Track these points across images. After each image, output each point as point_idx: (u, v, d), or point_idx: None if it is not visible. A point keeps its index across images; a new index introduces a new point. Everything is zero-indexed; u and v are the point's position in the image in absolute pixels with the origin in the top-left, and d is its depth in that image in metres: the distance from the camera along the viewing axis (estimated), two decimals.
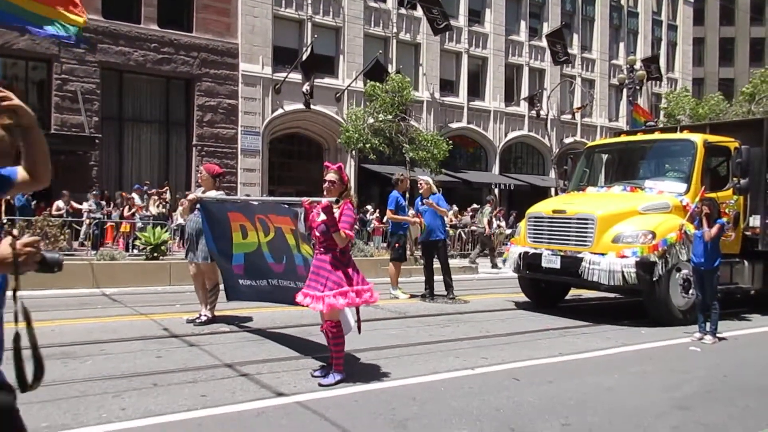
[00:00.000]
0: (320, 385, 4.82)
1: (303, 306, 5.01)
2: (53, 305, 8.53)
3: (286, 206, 5.80)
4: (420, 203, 10.14)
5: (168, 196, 18.73)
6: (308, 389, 4.74)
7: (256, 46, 23.50)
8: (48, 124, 19.73)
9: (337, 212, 4.77)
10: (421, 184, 10.14)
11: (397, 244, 10.34)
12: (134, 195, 16.93)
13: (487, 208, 17.64)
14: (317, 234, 4.88)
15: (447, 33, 27.70)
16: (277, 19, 24.21)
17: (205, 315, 7.18)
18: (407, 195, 10.15)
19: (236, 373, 5.15)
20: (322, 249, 4.86)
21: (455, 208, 21.90)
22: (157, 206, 16.98)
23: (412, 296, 10.01)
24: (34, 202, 15.34)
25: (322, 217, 4.77)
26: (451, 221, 20.61)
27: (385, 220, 10.72)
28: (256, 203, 6.77)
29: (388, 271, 10.51)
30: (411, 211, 11.21)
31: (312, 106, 23.98)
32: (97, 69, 20.26)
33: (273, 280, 6.29)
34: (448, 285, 9.96)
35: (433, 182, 10.41)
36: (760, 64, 45.31)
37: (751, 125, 10.31)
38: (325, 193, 4.92)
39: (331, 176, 4.90)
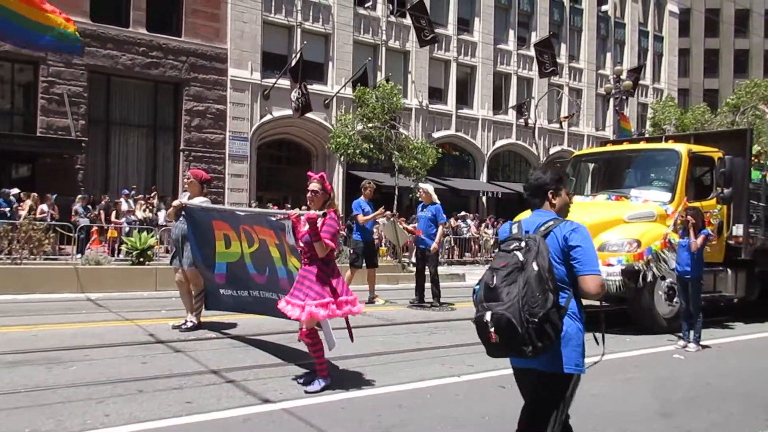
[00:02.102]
0: (306, 392, 4.81)
1: (284, 313, 4.99)
2: (37, 309, 8.45)
3: (273, 219, 5.70)
4: (419, 210, 10.23)
5: (155, 201, 18.63)
6: (294, 396, 4.73)
7: (245, 52, 23.48)
8: (34, 127, 19.57)
9: (320, 222, 4.79)
10: (420, 192, 10.22)
11: (352, 250, 10.37)
12: (121, 200, 16.82)
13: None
14: (301, 244, 4.89)
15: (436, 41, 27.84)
16: (266, 24, 24.21)
17: (191, 321, 7.13)
18: (374, 202, 10.22)
19: (222, 379, 5.13)
20: (306, 259, 4.88)
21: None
22: (144, 210, 16.88)
23: (368, 303, 9.81)
24: (15, 205, 15.12)
25: (307, 227, 4.78)
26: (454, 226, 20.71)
27: (361, 223, 10.58)
28: (242, 213, 6.70)
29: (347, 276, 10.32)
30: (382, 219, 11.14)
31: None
32: (84, 72, 20.13)
33: (254, 291, 6.26)
34: (435, 294, 9.99)
35: (433, 191, 10.37)
36: (744, 76, 46.02)
37: (735, 135, 10.46)
38: (308, 203, 4.96)
39: (313, 186, 4.92)
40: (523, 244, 2.73)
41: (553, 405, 2.82)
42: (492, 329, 2.62)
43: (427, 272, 10.11)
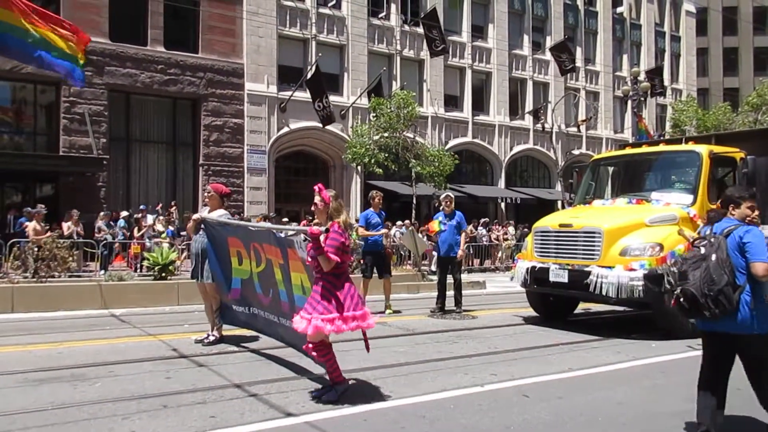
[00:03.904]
0: (325, 402, 4.80)
1: (295, 330, 4.96)
2: (62, 327, 8.56)
3: (283, 235, 5.60)
4: (443, 219, 10.27)
5: (176, 215, 18.86)
6: (317, 409, 4.72)
7: (262, 66, 23.71)
8: (56, 146, 19.95)
9: (324, 236, 4.79)
10: (446, 201, 10.29)
11: (362, 260, 10.48)
12: (147, 216, 17.02)
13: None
14: (309, 259, 4.90)
15: (450, 49, 27.96)
16: (281, 38, 24.45)
17: (214, 335, 7.18)
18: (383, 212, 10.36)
19: (245, 393, 5.14)
20: (318, 274, 4.87)
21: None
22: (164, 224, 17.04)
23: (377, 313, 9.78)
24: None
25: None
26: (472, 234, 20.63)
27: (355, 237, 11.23)
28: (254, 229, 6.75)
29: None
30: (384, 230, 11.20)
31: (317, 123, 24.12)
32: (104, 91, 20.49)
33: (261, 311, 6.28)
34: (458, 301, 10.09)
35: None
36: (765, 73, 45.38)
37: (757, 135, 10.30)
38: (316, 216, 5.06)
39: (315, 199, 4.98)
40: (708, 242, 4.01)
41: (760, 359, 3.98)
42: (681, 299, 3.95)
43: (450, 280, 10.18)
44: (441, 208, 10.41)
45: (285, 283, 5.55)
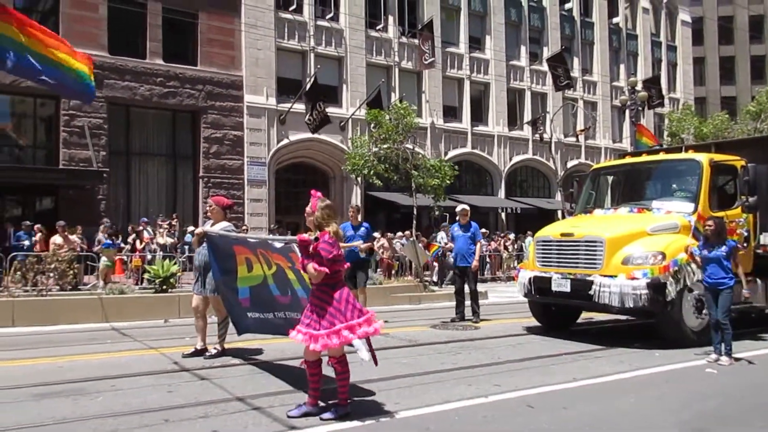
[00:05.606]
0: (321, 419, 4.69)
1: (297, 341, 4.89)
2: (62, 341, 8.52)
3: (279, 244, 5.72)
4: (456, 230, 10.68)
5: (177, 226, 18.82)
6: (320, 422, 4.68)
7: (261, 78, 23.79)
8: (56, 159, 19.95)
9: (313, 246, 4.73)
10: (461, 213, 10.66)
11: None
12: (141, 227, 16.97)
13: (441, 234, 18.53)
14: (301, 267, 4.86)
15: (448, 60, 28.04)
16: (280, 51, 24.54)
17: (215, 348, 7.15)
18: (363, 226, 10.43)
19: (248, 406, 5.10)
20: (314, 285, 4.78)
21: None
22: (164, 236, 16.99)
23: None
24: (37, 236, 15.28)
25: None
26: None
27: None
28: (253, 240, 6.79)
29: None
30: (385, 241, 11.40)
31: (317, 134, 24.15)
32: (103, 104, 20.51)
33: (280, 312, 6.25)
34: (474, 311, 10.45)
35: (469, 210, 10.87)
36: (762, 82, 45.61)
37: (757, 143, 10.33)
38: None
39: (307, 207, 4.90)
40: None
41: None
42: None
43: (467, 290, 10.51)
44: (457, 219, 10.81)
45: (300, 282, 5.62)
